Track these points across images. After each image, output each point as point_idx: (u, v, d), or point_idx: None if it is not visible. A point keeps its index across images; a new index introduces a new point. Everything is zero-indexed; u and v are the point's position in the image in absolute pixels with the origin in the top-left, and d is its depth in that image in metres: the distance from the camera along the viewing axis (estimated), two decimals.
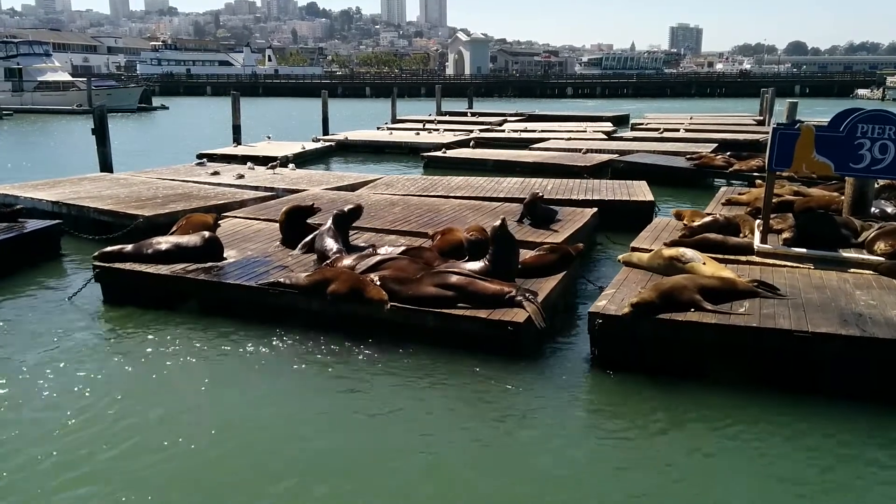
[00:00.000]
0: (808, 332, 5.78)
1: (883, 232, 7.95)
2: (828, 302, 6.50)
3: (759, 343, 5.90)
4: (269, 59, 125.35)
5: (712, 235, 8.39)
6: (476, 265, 7.20)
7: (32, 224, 10.23)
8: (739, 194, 11.66)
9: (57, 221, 10.59)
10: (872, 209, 9.42)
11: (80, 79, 60.15)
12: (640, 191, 12.99)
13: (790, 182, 12.39)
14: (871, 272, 7.52)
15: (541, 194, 10.59)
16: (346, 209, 8.85)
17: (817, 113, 35.57)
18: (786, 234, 8.32)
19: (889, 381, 5.70)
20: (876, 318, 6.04)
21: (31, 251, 9.82)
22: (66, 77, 59.12)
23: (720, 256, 7.85)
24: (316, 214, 9.42)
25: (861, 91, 73.75)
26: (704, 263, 7.15)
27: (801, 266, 7.77)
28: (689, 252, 7.40)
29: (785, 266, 7.79)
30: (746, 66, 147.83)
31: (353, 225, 10.03)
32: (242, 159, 18.99)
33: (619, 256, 8.17)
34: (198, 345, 6.91)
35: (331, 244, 8.27)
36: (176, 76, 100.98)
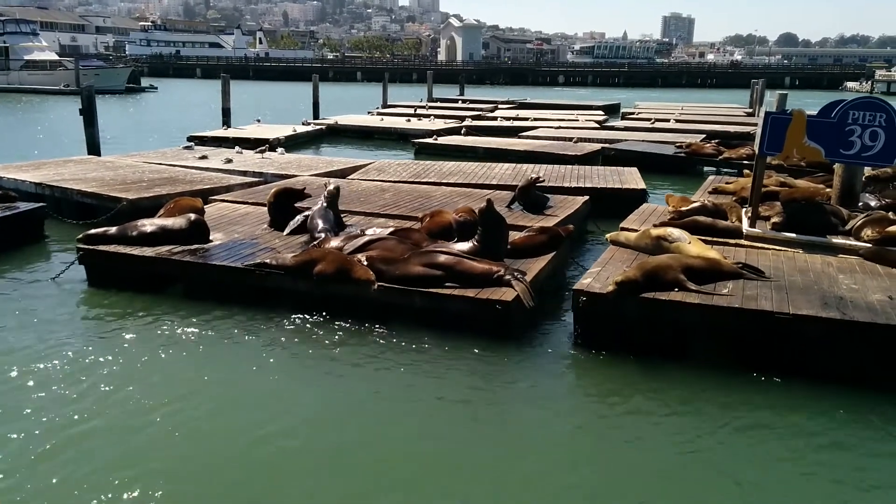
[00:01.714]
0: (789, 314, 5.85)
1: (870, 219, 8.03)
2: (811, 285, 6.58)
3: (741, 324, 5.97)
4: (260, 42, 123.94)
5: (702, 218, 8.45)
6: (465, 245, 7.21)
7: (17, 205, 10.12)
8: (726, 183, 11.73)
9: (41, 204, 10.46)
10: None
11: (67, 58, 59.26)
12: (632, 178, 13.02)
13: (777, 173, 12.47)
14: (856, 257, 7.61)
15: (539, 178, 10.56)
16: (332, 188, 8.85)
17: (806, 105, 35.57)
18: (775, 219, 8.39)
19: (868, 364, 5.78)
20: (857, 302, 6.12)
21: (14, 234, 9.70)
22: (53, 56, 58.19)
23: (709, 239, 7.92)
24: (305, 200, 9.36)
25: (850, 84, 74.03)
26: (690, 243, 7.21)
27: (789, 250, 7.84)
28: (675, 231, 7.46)
29: (770, 249, 7.87)
30: (737, 56, 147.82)
31: (344, 209, 10.04)
32: (232, 142, 18.85)
33: (607, 235, 8.24)
34: (183, 327, 6.88)
35: (322, 223, 8.29)
36: (165, 57, 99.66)
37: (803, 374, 5.83)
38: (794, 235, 8.07)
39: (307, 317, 6.95)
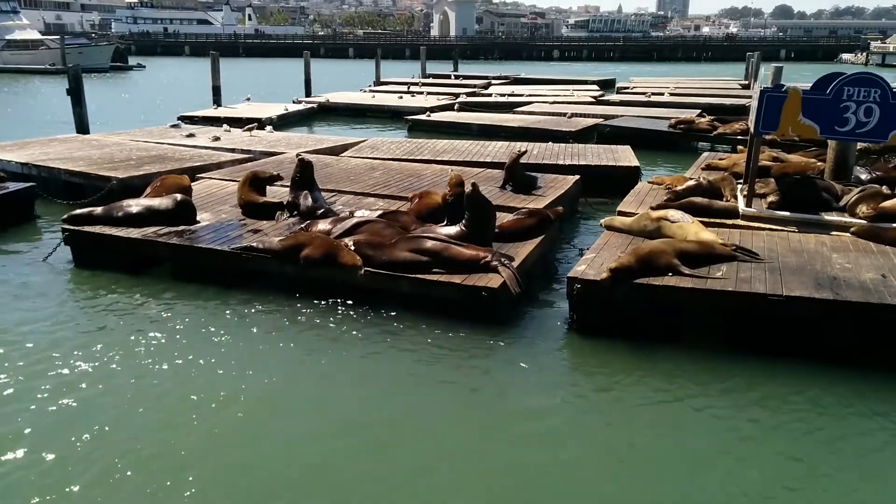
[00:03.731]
0: (781, 296, 5.78)
1: (865, 195, 7.96)
2: (804, 265, 6.51)
3: (735, 306, 5.90)
4: (250, 18, 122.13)
5: (698, 199, 8.38)
6: (452, 230, 7.10)
7: (7, 185, 9.98)
8: (719, 160, 11.63)
9: (31, 184, 10.35)
10: None
11: (50, 37, 58.16)
12: (626, 156, 12.87)
13: (769, 148, 12.36)
14: (850, 235, 7.55)
15: (524, 151, 10.46)
16: (302, 159, 8.61)
17: (803, 78, 35.42)
18: (770, 198, 8.33)
19: (861, 344, 5.74)
20: (850, 282, 6.06)
21: (4, 214, 9.60)
22: (36, 35, 57.06)
23: (706, 220, 7.84)
24: (279, 181, 9.08)
25: (845, 55, 73.51)
26: (692, 223, 7.14)
27: (786, 229, 7.78)
28: (676, 213, 7.39)
29: (765, 229, 7.79)
30: (733, 29, 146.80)
31: (332, 188, 9.91)
32: (223, 121, 18.62)
33: (602, 221, 8.14)
34: (169, 309, 6.81)
35: (315, 199, 8.28)
36: (153, 35, 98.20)
37: (797, 355, 5.78)
38: (789, 214, 8.00)
39: (294, 300, 6.85)
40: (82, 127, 16.38)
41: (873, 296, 5.74)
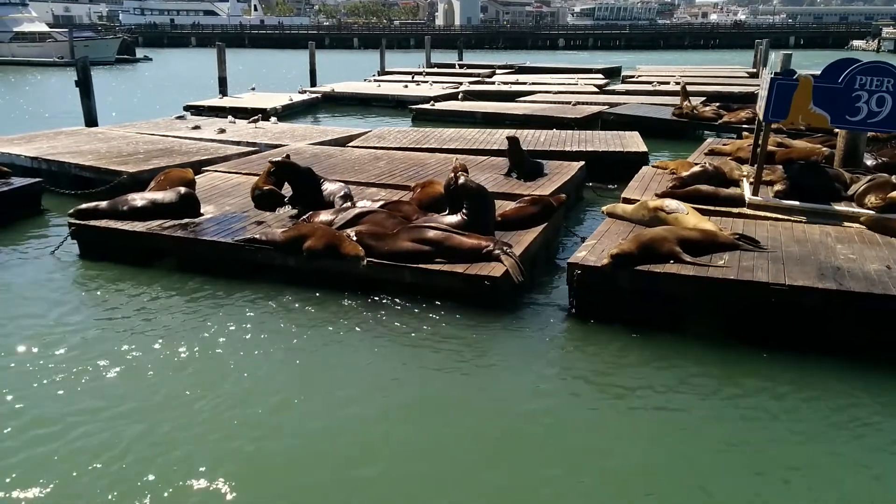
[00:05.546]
0: (784, 286, 5.77)
1: (874, 185, 7.87)
2: (808, 255, 6.48)
3: (737, 295, 5.89)
4: (255, 9, 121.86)
5: (704, 187, 8.34)
6: (454, 219, 7.11)
7: (12, 181, 10.04)
8: (723, 145, 11.57)
9: (37, 180, 10.40)
10: None
11: (57, 29, 58.19)
12: (633, 142, 12.83)
13: (774, 134, 12.28)
14: (856, 226, 7.48)
15: (513, 136, 10.42)
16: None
17: (813, 66, 35.03)
18: (778, 187, 8.27)
19: (863, 334, 5.72)
20: (854, 272, 6.03)
21: (10, 209, 9.66)
22: (43, 28, 57.08)
23: (711, 209, 7.80)
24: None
25: (856, 42, 72.57)
26: (688, 214, 7.11)
27: (792, 219, 7.72)
28: (673, 203, 7.35)
29: (770, 218, 7.74)
30: (741, 16, 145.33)
31: (337, 179, 9.91)
32: (229, 111, 18.68)
33: (604, 208, 8.13)
34: (174, 301, 6.86)
35: (336, 187, 8.34)
36: (160, 26, 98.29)
37: (799, 345, 5.77)
38: (797, 203, 7.94)
39: (296, 292, 6.89)
40: (91, 119, 16.42)
41: (877, 287, 5.71)
